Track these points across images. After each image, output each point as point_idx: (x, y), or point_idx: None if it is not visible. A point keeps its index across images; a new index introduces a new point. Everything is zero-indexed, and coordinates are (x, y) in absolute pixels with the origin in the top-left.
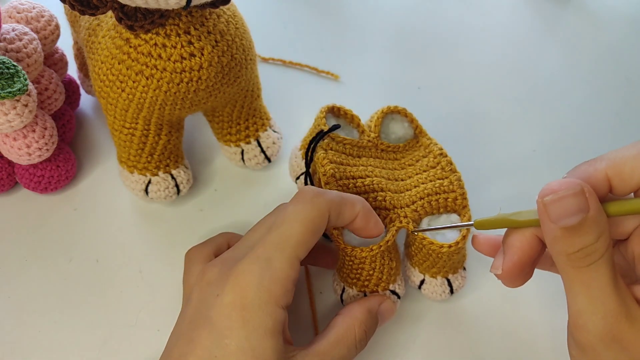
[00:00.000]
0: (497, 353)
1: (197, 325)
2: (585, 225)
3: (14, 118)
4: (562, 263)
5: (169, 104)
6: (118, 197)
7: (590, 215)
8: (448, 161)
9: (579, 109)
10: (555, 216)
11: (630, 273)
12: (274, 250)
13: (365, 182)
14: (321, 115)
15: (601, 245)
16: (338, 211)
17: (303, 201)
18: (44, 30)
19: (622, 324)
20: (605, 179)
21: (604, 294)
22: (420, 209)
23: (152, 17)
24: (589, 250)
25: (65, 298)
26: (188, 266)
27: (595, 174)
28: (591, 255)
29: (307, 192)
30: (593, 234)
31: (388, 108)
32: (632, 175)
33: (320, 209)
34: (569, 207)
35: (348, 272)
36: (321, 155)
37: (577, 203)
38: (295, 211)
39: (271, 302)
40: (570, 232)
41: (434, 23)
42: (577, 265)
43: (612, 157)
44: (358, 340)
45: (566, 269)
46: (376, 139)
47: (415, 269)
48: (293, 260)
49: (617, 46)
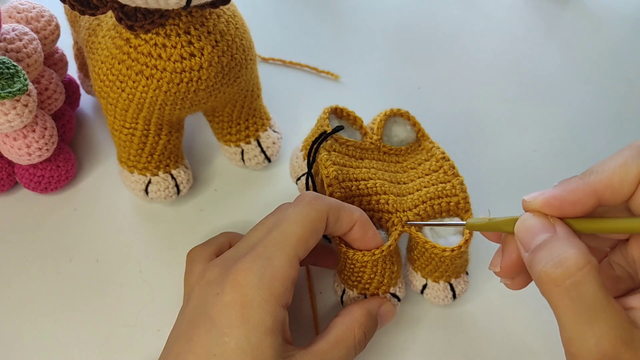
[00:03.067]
0: (498, 356)
1: (197, 323)
2: (553, 239)
3: (14, 118)
4: (543, 287)
5: (169, 104)
6: (118, 197)
7: (559, 234)
8: (450, 165)
9: (579, 109)
10: (526, 243)
11: (632, 276)
12: (274, 249)
13: (368, 185)
14: (324, 116)
15: (579, 260)
16: (337, 215)
17: (302, 203)
18: (44, 30)
19: (618, 348)
20: (594, 192)
21: (593, 316)
22: (422, 212)
23: (152, 17)
24: (568, 267)
25: (65, 298)
26: (189, 266)
27: (584, 188)
28: (571, 271)
29: (307, 195)
30: (565, 250)
31: (391, 111)
32: (622, 185)
33: (319, 210)
34: (535, 230)
35: (349, 274)
36: (324, 157)
37: (541, 224)
38: (295, 212)
39: (271, 300)
40: (538, 250)
41: (434, 23)
42: (558, 285)
43: (600, 170)
44: (357, 342)
45: (549, 292)
46: (379, 142)
47: (417, 273)
48: (293, 259)
49: (617, 46)
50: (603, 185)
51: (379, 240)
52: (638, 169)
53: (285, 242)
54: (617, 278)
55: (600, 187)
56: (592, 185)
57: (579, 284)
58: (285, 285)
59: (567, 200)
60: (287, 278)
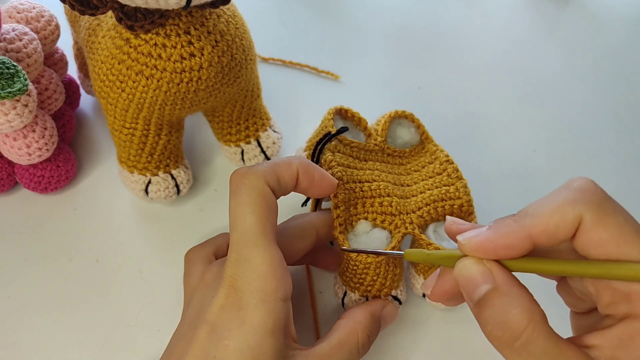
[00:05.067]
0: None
1: (196, 326)
2: (494, 296)
3: (14, 118)
4: (495, 345)
5: (169, 104)
6: (118, 197)
7: (498, 284)
8: (454, 168)
9: (579, 109)
10: (469, 293)
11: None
12: (246, 250)
13: (372, 187)
14: (329, 117)
15: (522, 320)
16: (275, 176)
17: (237, 189)
18: (44, 30)
19: None
20: (528, 236)
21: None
22: (426, 215)
23: (152, 17)
24: (513, 330)
25: (65, 298)
26: (188, 267)
27: (519, 231)
28: (517, 333)
29: (236, 177)
30: (507, 310)
31: (395, 112)
32: (557, 230)
33: (256, 185)
34: (475, 280)
35: (351, 276)
36: (329, 158)
37: (480, 273)
38: (237, 203)
39: (267, 300)
40: (482, 306)
41: (434, 23)
42: (508, 346)
43: (535, 213)
44: (361, 345)
45: (501, 352)
46: (383, 143)
47: (420, 277)
48: (268, 247)
49: (617, 46)
50: (538, 230)
51: (330, 182)
52: (574, 213)
53: (250, 236)
54: (577, 297)
55: (535, 232)
56: (527, 229)
57: (527, 344)
58: (275, 277)
59: (501, 244)
60: (275, 269)
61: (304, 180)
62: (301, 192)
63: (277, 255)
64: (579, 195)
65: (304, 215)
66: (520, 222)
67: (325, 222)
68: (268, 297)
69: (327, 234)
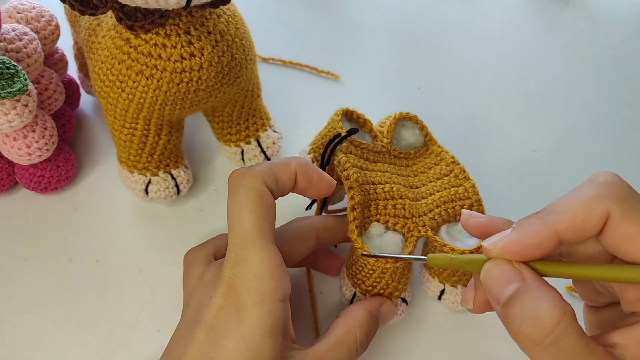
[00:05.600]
0: (501, 357)
1: (195, 326)
2: (523, 292)
3: (14, 118)
4: (522, 345)
5: (169, 104)
6: (118, 197)
7: (527, 282)
8: (461, 169)
9: (579, 109)
10: (495, 296)
11: (611, 292)
12: (242, 249)
13: (385, 189)
14: (337, 119)
15: (555, 315)
16: (273, 177)
17: (235, 190)
18: (44, 30)
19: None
20: (555, 234)
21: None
22: (437, 216)
23: (152, 17)
24: (544, 325)
25: (65, 298)
26: (187, 267)
27: (545, 230)
28: (549, 328)
29: (234, 178)
30: (538, 304)
31: (400, 114)
32: (585, 225)
33: (253, 186)
34: (502, 281)
35: (364, 279)
36: (343, 159)
37: (507, 273)
38: (235, 204)
39: (265, 300)
40: (510, 305)
41: (434, 23)
42: (538, 344)
43: (560, 209)
44: (359, 344)
45: (529, 351)
46: (389, 145)
47: (434, 279)
48: (266, 248)
49: (617, 46)
50: (565, 226)
51: (329, 182)
52: (601, 209)
53: (248, 236)
54: (596, 291)
55: (561, 228)
56: (553, 226)
57: (558, 340)
58: (273, 277)
59: (528, 244)
60: (273, 269)
61: (302, 180)
62: (300, 192)
63: (276, 255)
64: (605, 190)
65: (305, 218)
66: (545, 219)
67: (326, 225)
68: (266, 298)
69: (327, 238)
